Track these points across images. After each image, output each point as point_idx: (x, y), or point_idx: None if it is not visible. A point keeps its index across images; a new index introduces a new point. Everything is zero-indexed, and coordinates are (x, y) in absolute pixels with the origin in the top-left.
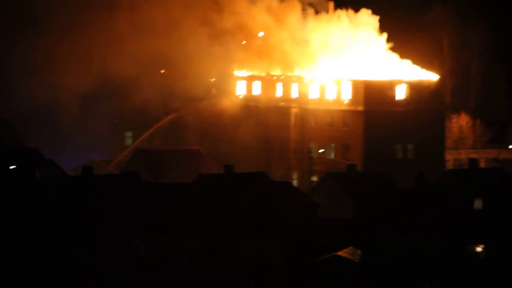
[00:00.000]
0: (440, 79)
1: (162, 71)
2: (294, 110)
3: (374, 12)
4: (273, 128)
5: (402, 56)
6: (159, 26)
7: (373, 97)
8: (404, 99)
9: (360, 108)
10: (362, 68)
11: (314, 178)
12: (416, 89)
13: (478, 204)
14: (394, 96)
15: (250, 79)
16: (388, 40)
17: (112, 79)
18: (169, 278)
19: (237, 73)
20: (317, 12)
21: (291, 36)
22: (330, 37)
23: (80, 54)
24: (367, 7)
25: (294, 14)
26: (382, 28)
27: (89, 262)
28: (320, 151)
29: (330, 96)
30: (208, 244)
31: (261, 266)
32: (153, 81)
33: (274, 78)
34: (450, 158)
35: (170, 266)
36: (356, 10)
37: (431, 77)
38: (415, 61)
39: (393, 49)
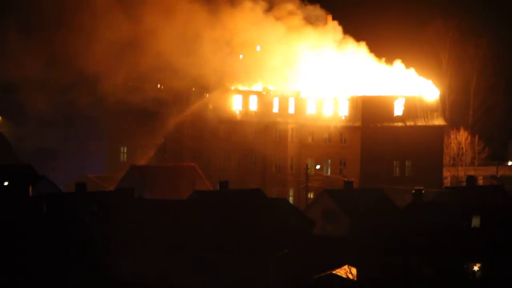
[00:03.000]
0: (440, 95)
1: (159, 85)
2: (290, 126)
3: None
4: (269, 144)
5: (402, 69)
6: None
7: (371, 112)
8: (402, 115)
9: (358, 124)
10: (359, 83)
11: (311, 195)
12: (414, 104)
13: (475, 222)
14: (392, 112)
15: (246, 94)
16: (387, 53)
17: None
18: None
19: (233, 87)
20: (313, 24)
21: (287, 51)
22: (327, 51)
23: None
24: (366, 19)
25: (290, 28)
26: (380, 41)
27: (80, 279)
28: (317, 167)
29: (327, 112)
30: (203, 262)
31: (256, 285)
32: (148, 96)
33: (271, 93)
34: (448, 175)
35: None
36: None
37: (430, 92)
38: (415, 75)
39: (392, 62)
